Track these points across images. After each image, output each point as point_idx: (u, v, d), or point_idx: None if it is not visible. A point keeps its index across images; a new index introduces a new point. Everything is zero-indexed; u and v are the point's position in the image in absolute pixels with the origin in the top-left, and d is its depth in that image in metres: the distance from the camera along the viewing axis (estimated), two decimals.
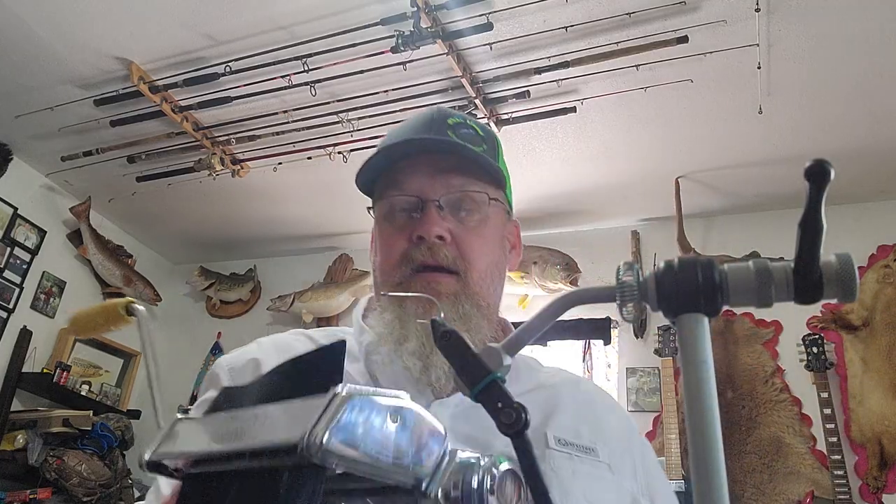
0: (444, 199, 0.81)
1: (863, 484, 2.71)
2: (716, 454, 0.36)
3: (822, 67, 2.38)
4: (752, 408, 2.96)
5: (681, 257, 0.40)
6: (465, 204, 0.82)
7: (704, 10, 2.19)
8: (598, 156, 2.99)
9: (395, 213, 0.83)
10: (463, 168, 0.82)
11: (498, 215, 0.86)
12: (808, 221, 0.37)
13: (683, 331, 0.39)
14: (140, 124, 2.98)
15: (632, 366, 3.21)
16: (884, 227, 3.05)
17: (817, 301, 0.39)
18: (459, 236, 0.80)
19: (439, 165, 0.82)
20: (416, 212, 0.81)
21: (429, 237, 0.78)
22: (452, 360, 0.43)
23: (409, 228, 0.81)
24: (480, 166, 0.82)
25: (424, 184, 0.81)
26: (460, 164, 0.82)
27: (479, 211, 0.82)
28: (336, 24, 2.38)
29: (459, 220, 0.81)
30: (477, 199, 0.82)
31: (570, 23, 2.28)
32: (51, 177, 3.58)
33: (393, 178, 0.83)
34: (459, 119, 0.86)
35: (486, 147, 0.84)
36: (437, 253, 0.79)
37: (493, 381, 0.42)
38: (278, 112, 2.84)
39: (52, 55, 2.66)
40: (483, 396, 0.42)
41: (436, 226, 0.78)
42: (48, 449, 3.19)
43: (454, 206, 0.82)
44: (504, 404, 0.41)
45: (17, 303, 3.47)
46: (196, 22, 2.44)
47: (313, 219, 3.75)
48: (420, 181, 0.81)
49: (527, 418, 0.41)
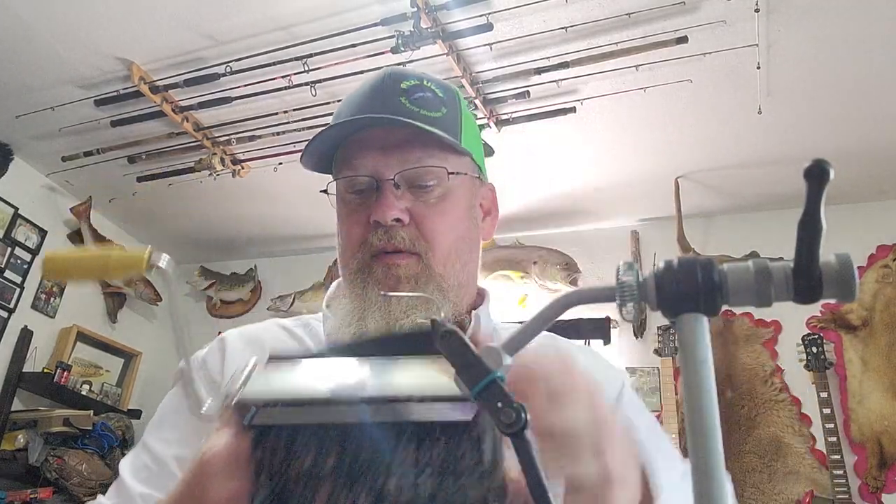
0: (399, 176, 0.75)
1: (862, 484, 2.72)
2: (715, 454, 0.36)
3: (821, 67, 2.38)
4: (751, 408, 2.97)
5: (680, 257, 0.40)
6: (423, 179, 0.76)
7: (704, 10, 2.19)
8: (598, 156, 2.99)
9: (350, 194, 0.78)
10: (419, 139, 0.75)
11: (462, 186, 0.79)
12: (807, 221, 0.37)
13: (683, 331, 0.39)
14: (140, 124, 2.98)
15: (631, 366, 3.21)
16: (883, 227, 3.05)
17: (817, 301, 0.39)
18: (419, 215, 0.75)
19: (393, 139, 0.75)
20: (371, 192, 0.76)
21: (384, 221, 0.74)
22: (452, 359, 0.43)
23: (365, 210, 0.76)
24: (437, 138, 0.75)
25: (378, 161, 0.76)
26: (415, 135, 0.75)
27: (440, 185, 0.77)
28: (336, 24, 2.38)
29: (418, 198, 0.76)
30: (436, 173, 0.76)
31: (570, 23, 2.28)
32: (51, 177, 3.58)
33: (345, 155, 0.78)
34: (415, 81, 0.79)
35: (447, 110, 0.78)
36: (394, 237, 0.74)
37: (493, 380, 0.42)
38: (278, 112, 2.84)
39: (52, 55, 2.66)
40: (483, 396, 0.42)
41: (391, 208, 0.74)
42: (49, 448, 3.19)
43: (411, 182, 0.76)
44: (504, 404, 0.41)
45: (17, 303, 3.47)
46: (196, 22, 2.44)
47: (313, 219, 3.75)
48: (373, 158, 0.76)
49: (527, 418, 0.41)
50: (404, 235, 0.75)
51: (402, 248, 0.74)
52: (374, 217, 0.74)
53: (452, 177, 0.77)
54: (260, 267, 4.21)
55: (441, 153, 0.77)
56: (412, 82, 0.78)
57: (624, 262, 0.42)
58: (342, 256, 0.81)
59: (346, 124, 0.76)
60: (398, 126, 0.75)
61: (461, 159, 0.79)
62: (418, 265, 0.75)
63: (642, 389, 3.14)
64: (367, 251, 0.76)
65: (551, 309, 0.44)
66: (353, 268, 0.78)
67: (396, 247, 0.74)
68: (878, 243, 3.04)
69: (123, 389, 3.95)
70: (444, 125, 0.76)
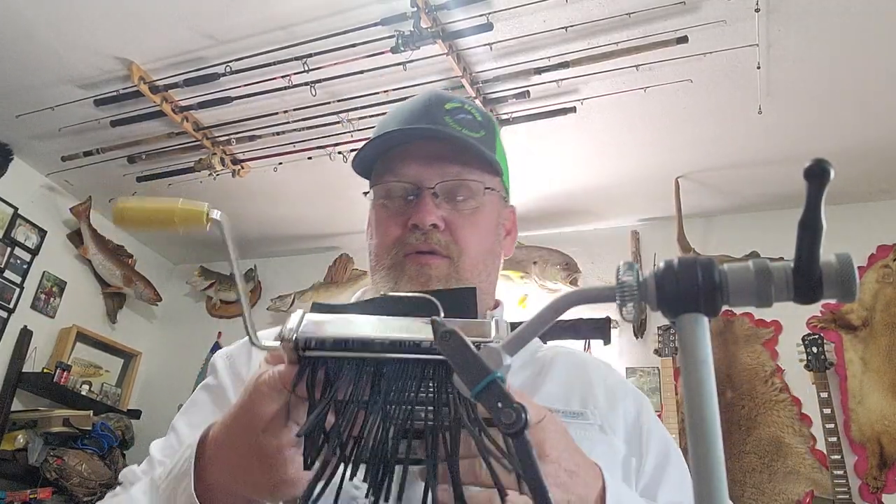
0: (439, 186, 0.81)
1: (862, 484, 2.71)
2: (716, 454, 0.36)
3: (821, 67, 2.38)
4: (751, 408, 2.96)
5: (681, 257, 0.40)
6: (461, 192, 0.82)
7: (704, 10, 2.19)
8: (598, 156, 2.99)
9: (391, 198, 0.84)
10: (459, 155, 0.82)
11: (493, 203, 0.86)
12: (807, 221, 0.37)
13: (683, 331, 0.39)
14: (140, 124, 2.98)
15: (631, 366, 3.21)
16: (884, 227, 3.05)
17: (817, 301, 0.39)
18: (454, 223, 0.81)
19: (435, 152, 0.82)
20: (411, 197, 0.82)
21: (423, 225, 0.79)
22: (452, 359, 0.44)
23: (403, 214, 0.82)
24: (476, 154, 0.82)
25: (420, 171, 0.82)
26: (456, 151, 0.82)
27: (474, 199, 0.83)
28: (336, 24, 2.38)
29: (454, 208, 0.82)
30: (472, 188, 0.83)
31: (570, 23, 2.28)
32: (51, 177, 3.58)
33: (389, 163, 0.84)
34: (457, 103, 0.85)
35: (485, 133, 0.84)
36: (430, 238, 0.79)
37: (493, 380, 0.42)
38: (278, 112, 2.84)
39: (52, 55, 2.66)
40: (483, 396, 0.42)
41: (430, 214, 0.79)
42: (48, 449, 3.19)
43: (449, 193, 0.82)
44: (504, 404, 0.41)
45: (17, 303, 3.47)
46: (196, 22, 2.44)
47: (313, 219, 3.75)
48: (416, 168, 0.82)
49: (526, 418, 0.41)
50: (440, 239, 0.80)
51: (436, 249, 0.80)
52: (412, 220, 0.80)
53: (486, 193, 0.84)
54: (260, 267, 4.21)
55: (478, 171, 0.83)
56: (455, 104, 0.85)
57: (624, 262, 0.42)
58: (376, 255, 0.85)
59: (396, 133, 0.82)
60: (444, 140, 0.82)
61: (494, 179, 0.86)
62: (449, 268, 0.80)
63: (642, 389, 3.14)
64: (401, 250, 0.81)
65: (551, 309, 0.44)
66: (386, 264, 0.82)
67: (432, 247, 0.80)
68: (878, 243, 3.03)
69: (123, 389, 3.95)
70: (482, 146, 0.82)
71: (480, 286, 0.81)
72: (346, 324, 0.54)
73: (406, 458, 0.49)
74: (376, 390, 0.51)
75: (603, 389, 0.82)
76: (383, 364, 0.52)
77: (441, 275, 0.79)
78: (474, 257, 0.82)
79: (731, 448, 2.89)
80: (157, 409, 3.86)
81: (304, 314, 0.54)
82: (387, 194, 0.84)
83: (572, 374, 0.84)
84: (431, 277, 0.78)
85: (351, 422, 0.50)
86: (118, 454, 3.43)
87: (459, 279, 0.80)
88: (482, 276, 0.83)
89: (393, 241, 0.82)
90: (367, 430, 0.50)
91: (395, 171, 0.83)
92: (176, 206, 0.64)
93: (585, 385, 0.82)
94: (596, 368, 0.87)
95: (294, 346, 0.52)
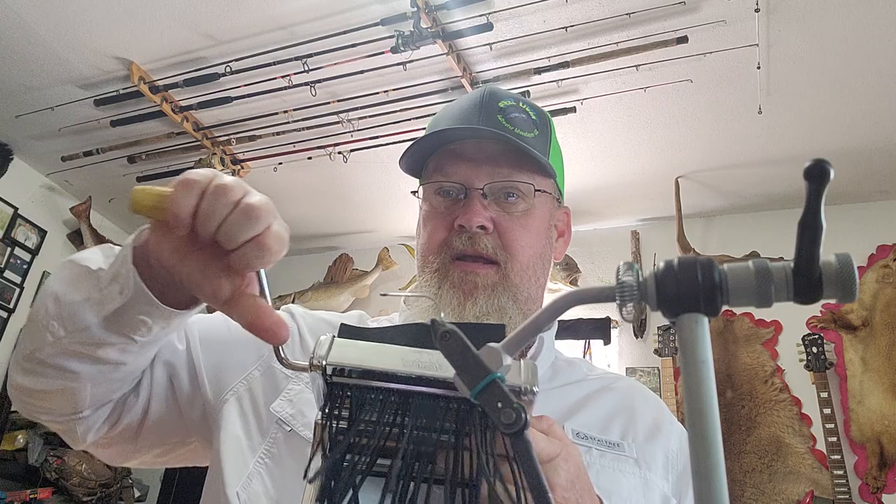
0: (488, 187, 0.79)
1: (862, 484, 2.71)
2: (716, 454, 0.36)
3: (821, 67, 2.38)
4: (751, 408, 2.96)
5: (681, 257, 0.40)
6: (511, 193, 0.79)
7: (704, 10, 2.19)
8: (598, 156, 2.99)
9: (439, 198, 0.81)
10: (510, 156, 0.79)
11: (544, 205, 0.83)
12: (807, 221, 0.37)
13: (683, 331, 0.39)
14: (140, 124, 2.98)
15: (631, 366, 3.21)
16: (884, 227, 3.05)
17: (817, 301, 0.39)
18: (502, 226, 0.79)
19: (486, 152, 0.80)
20: (459, 198, 0.80)
21: (470, 227, 0.77)
22: (452, 359, 0.44)
23: (450, 215, 0.79)
24: (528, 156, 0.78)
25: (469, 171, 0.79)
26: (507, 151, 0.79)
27: (525, 201, 0.80)
28: (336, 24, 2.38)
29: (503, 210, 0.79)
30: (523, 190, 0.80)
31: (570, 23, 2.28)
32: (51, 177, 3.58)
33: (438, 162, 0.82)
34: (511, 102, 0.82)
35: (538, 133, 0.82)
36: (477, 243, 0.77)
37: (493, 380, 0.42)
38: (278, 112, 2.84)
39: (52, 55, 2.66)
40: (483, 396, 0.42)
41: (477, 215, 0.77)
42: (48, 449, 3.19)
43: (499, 195, 0.79)
44: (504, 404, 0.41)
45: (17, 303, 3.47)
46: (196, 22, 2.44)
47: (313, 219, 3.75)
48: (465, 168, 0.80)
49: (526, 419, 0.41)
50: (487, 243, 0.77)
51: (484, 254, 0.77)
52: (459, 221, 0.77)
53: (537, 194, 0.81)
54: None
55: (529, 172, 0.80)
56: (509, 102, 0.82)
57: (624, 263, 0.42)
58: (422, 256, 0.82)
59: (447, 132, 0.79)
60: (493, 139, 0.79)
61: (546, 180, 0.82)
62: (497, 274, 0.77)
63: None
64: (447, 253, 0.79)
65: (551, 309, 0.44)
66: (432, 267, 0.80)
67: (479, 252, 0.77)
68: (878, 243, 3.04)
69: None
70: (535, 146, 0.79)
71: (529, 291, 0.80)
72: (376, 353, 0.54)
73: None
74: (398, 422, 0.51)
75: (645, 424, 0.80)
76: (408, 397, 0.52)
77: (488, 283, 0.76)
78: (524, 262, 0.79)
79: (731, 448, 2.89)
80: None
81: (333, 338, 0.55)
82: (434, 194, 0.82)
83: (618, 405, 0.81)
84: (478, 286, 0.76)
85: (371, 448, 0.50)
86: None
87: (507, 286, 0.77)
88: (531, 282, 0.80)
89: (439, 243, 0.79)
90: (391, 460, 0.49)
91: (444, 171, 0.81)
92: None
93: (628, 417, 0.80)
94: (642, 400, 0.84)
95: (322, 371, 0.53)
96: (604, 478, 0.72)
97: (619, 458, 0.75)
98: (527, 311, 0.79)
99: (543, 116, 0.85)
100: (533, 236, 0.80)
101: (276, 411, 0.76)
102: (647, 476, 0.75)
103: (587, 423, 0.77)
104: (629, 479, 0.73)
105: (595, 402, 0.80)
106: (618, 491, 0.72)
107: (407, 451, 0.49)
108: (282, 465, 0.72)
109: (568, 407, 0.79)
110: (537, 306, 0.83)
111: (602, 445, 0.75)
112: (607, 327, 3.14)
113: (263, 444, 0.74)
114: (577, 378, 0.85)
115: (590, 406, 0.79)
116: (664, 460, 0.78)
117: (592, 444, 0.75)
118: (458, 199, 0.80)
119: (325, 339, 0.54)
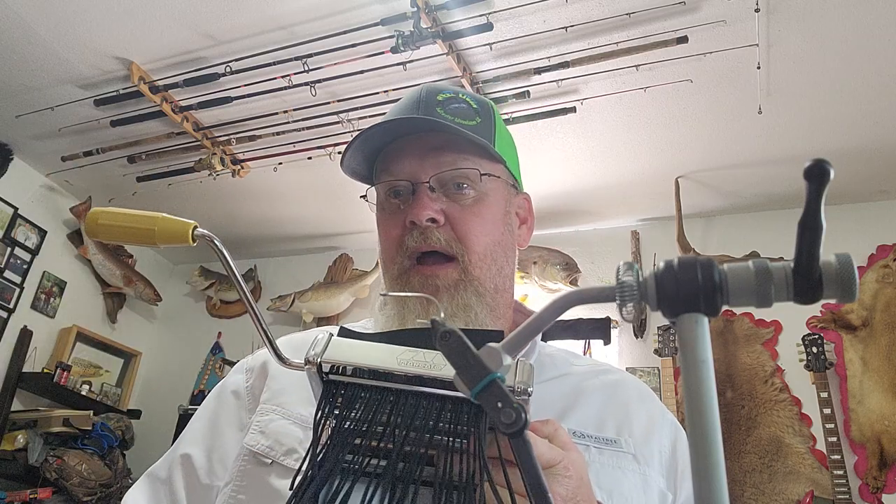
0: (434, 179, 0.78)
1: (862, 484, 2.71)
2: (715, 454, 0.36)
3: (821, 67, 2.38)
4: (751, 408, 2.96)
5: (681, 257, 0.40)
6: (460, 184, 0.78)
7: (704, 10, 2.19)
8: (598, 156, 2.99)
9: (391, 199, 0.81)
10: (453, 145, 0.78)
11: (497, 191, 0.81)
12: (807, 221, 0.37)
13: (683, 331, 0.39)
14: (140, 124, 2.98)
15: (631, 366, 3.21)
16: (884, 227, 3.05)
17: (817, 301, 0.39)
18: (454, 217, 0.77)
19: (428, 145, 0.79)
20: (408, 196, 0.79)
21: (420, 221, 0.75)
22: (452, 360, 0.43)
23: (402, 214, 0.78)
24: (471, 141, 0.77)
25: (414, 166, 0.78)
26: (450, 141, 0.78)
27: (474, 188, 0.79)
28: (336, 24, 2.38)
29: (454, 201, 0.78)
30: (470, 177, 0.78)
31: (570, 23, 2.28)
32: (51, 177, 3.58)
33: (384, 163, 0.81)
34: (449, 94, 0.82)
35: (480, 120, 0.81)
36: (429, 237, 0.76)
37: (493, 380, 0.42)
38: (278, 112, 2.84)
39: (52, 55, 2.66)
40: (483, 396, 0.42)
41: (425, 209, 0.76)
42: (48, 449, 3.19)
43: (448, 186, 0.78)
44: (504, 404, 0.41)
45: (17, 303, 3.47)
46: (196, 22, 2.44)
47: (313, 219, 3.75)
48: (410, 163, 0.79)
49: (526, 418, 0.41)
50: (440, 236, 0.76)
51: (437, 248, 0.76)
52: (409, 218, 0.76)
53: (486, 179, 0.79)
54: (260, 267, 4.21)
55: (474, 158, 0.79)
56: (447, 95, 0.82)
57: (624, 263, 0.42)
58: (383, 261, 0.82)
59: (385, 126, 0.78)
60: (434, 130, 0.78)
61: (494, 165, 0.81)
62: (456, 271, 0.76)
63: None
64: (404, 255, 0.78)
65: (551, 309, 0.44)
66: (393, 273, 0.79)
67: (432, 246, 0.76)
68: (878, 243, 3.03)
69: (123, 389, 3.96)
70: (478, 133, 0.78)
71: (493, 282, 0.78)
72: (372, 351, 0.54)
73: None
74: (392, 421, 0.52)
75: (639, 418, 0.79)
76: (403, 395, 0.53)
77: (449, 283, 0.75)
78: (480, 252, 0.77)
79: (731, 448, 2.89)
80: (157, 409, 3.87)
81: (330, 337, 0.55)
82: (385, 195, 0.81)
83: (609, 399, 0.80)
84: (439, 288, 0.75)
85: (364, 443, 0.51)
86: (118, 454, 3.43)
87: (469, 281, 0.76)
88: (493, 272, 0.78)
89: (395, 245, 0.78)
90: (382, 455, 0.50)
91: (389, 170, 0.80)
92: (157, 220, 0.58)
93: (622, 412, 0.79)
94: (635, 393, 0.83)
95: (318, 369, 0.53)
96: (604, 476, 0.71)
97: (618, 455, 0.74)
98: (493, 304, 0.78)
99: (485, 105, 0.84)
100: (488, 224, 0.79)
101: (251, 445, 0.75)
102: (646, 472, 0.75)
103: (582, 421, 0.76)
104: (629, 477, 0.73)
105: (586, 399, 0.79)
106: (619, 489, 0.71)
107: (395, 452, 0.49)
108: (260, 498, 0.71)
109: (558, 404, 0.78)
110: (505, 297, 0.82)
111: (599, 443, 0.74)
112: (607, 327, 3.14)
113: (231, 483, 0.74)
114: (562, 372, 0.83)
115: (581, 402, 0.78)
116: (658, 455, 0.77)
117: (590, 442, 0.74)
118: (408, 197, 0.79)
119: (321, 338, 0.54)
